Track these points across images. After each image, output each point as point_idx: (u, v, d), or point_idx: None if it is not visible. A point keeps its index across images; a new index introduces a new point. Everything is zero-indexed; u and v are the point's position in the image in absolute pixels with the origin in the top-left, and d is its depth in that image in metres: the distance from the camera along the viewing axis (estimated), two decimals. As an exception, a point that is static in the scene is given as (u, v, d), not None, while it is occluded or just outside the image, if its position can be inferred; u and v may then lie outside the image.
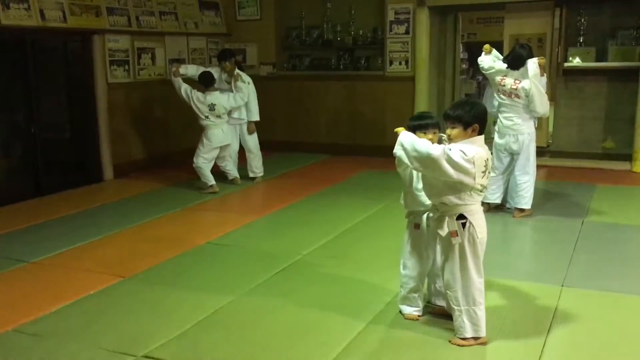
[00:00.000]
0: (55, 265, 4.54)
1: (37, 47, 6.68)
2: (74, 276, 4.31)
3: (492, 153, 3.08)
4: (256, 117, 7.12)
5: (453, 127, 3.12)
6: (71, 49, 7.25)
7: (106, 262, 4.58)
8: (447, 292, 3.22)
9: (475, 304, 3.14)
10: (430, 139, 3.16)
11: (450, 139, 3.13)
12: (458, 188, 3.04)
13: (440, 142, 3.21)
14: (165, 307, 3.75)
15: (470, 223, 3.09)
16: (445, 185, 3.06)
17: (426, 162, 3.00)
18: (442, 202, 3.13)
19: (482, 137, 3.13)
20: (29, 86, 6.60)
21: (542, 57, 5.39)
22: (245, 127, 7.14)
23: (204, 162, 6.67)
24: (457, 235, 3.09)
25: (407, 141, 3.07)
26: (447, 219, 3.11)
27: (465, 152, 2.97)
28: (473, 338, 3.16)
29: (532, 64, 5.26)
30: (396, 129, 3.16)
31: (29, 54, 6.57)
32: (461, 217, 3.09)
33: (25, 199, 6.44)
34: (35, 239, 5.15)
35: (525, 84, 5.27)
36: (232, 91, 6.81)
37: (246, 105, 6.96)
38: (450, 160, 2.95)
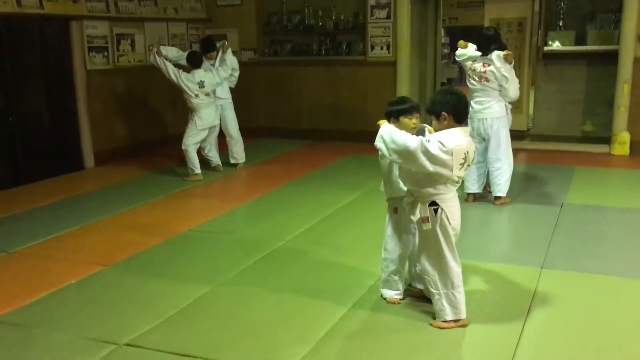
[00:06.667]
0: (35, 254, 4.51)
1: (13, 34, 6.57)
2: (54, 265, 4.28)
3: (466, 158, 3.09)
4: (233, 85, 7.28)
5: (432, 120, 3.17)
6: (49, 36, 7.13)
7: (87, 250, 4.56)
8: (425, 277, 3.26)
9: (454, 287, 3.19)
10: (414, 124, 3.22)
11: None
12: (434, 178, 3.07)
13: (422, 132, 3.24)
14: (147, 295, 3.75)
15: (442, 210, 3.12)
16: (422, 174, 3.08)
17: (404, 155, 3.03)
18: (416, 189, 3.16)
19: (465, 128, 3.14)
20: (6, 74, 6.50)
21: (508, 52, 5.32)
22: (227, 110, 7.12)
23: (194, 144, 6.65)
24: (428, 221, 3.13)
25: (386, 133, 3.10)
26: (419, 204, 3.15)
27: (444, 143, 2.98)
28: (453, 321, 3.21)
29: (496, 57, 5.26)
30: (379, 122, 3.20)
31: (5, 41, 6.46)
32: (433, 203, 3.12)
33: (4, 188, 6.37)
34: (15, 228, 5.10)
35: (494, 68, 5.27)
36: (211, 69, 6.80)
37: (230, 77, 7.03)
38: (427, 153, 2.96)
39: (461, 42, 5.60)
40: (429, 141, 2.99)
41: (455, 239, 3.20)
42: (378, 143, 3.14)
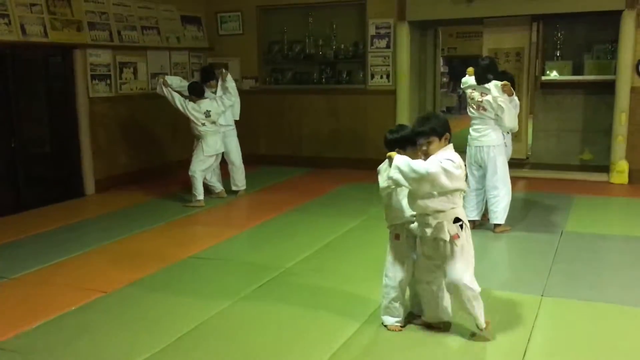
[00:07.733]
0: (36, 281, 4.50)
1: (17, 62, 6.65)
2: (55, 292, 4.28)
3: (465, 167, 3.24)
4: (237, 117, 7.32)
5: (429, 142, 3.21)
6: (52, 64, 7.22)
7: (88, 277, 4.56)
8: (457, 297, 3.31)
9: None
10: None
11: (428, 154, 3.21)
12: (446, 193, 3.18)
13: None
14: (147, 322, 3.74)
15: (465, 225, 3.25)
16: (439, 194, 3.17)
17: (425, 180, 3.09)
18: (437, 211, 3.20)
19: (451, 145, 3.29)
20: (10, 101, 6.56)
21: (505, 82, 5.32)
22: (229, 137, 7.17)
23: (201, 170, 6.70)
24: (459, 237, 3.21)
25: (403, 164, 3.13)
26: (445, 223, 3.20)
27: (453, 159, 3.14)
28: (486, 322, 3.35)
29: (494, 87, 5.30)
30: (389, 154, 3.22)
31: (9, 68, 6.53)
32: (457, 219, 3.22)
33: (5, 214, 6.38)
34: (16, 254, 5.10)
35: (490, 98, 5.31)
36: (215, 98, 6.87)
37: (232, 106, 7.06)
38: (446, 172, 3.08)
39: (470, 69, 5.65)
40: (441, 162, 3.10)
41: None
42: (394, 174, 3.15)
